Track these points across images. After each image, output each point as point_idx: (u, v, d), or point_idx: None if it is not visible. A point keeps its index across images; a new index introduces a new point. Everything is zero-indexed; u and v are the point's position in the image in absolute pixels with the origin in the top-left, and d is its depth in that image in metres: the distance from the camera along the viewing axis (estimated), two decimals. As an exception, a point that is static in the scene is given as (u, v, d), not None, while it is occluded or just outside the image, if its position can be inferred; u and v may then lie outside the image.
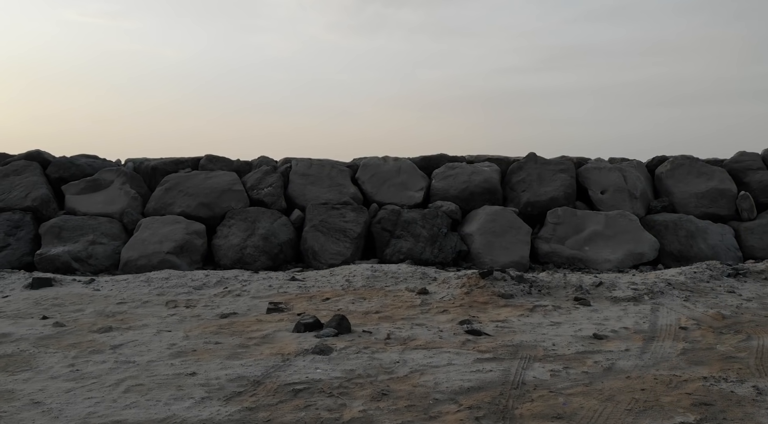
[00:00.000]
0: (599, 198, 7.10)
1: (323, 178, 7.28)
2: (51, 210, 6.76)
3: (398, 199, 7.14)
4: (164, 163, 7.39)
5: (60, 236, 6.38)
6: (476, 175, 7.30)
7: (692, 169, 7.34)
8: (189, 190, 6.93)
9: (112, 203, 6.87)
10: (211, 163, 7.51)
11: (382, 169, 7.42)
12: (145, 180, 7.35)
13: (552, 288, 3.19)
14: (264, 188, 7.04)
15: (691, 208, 7.01)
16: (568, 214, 6.83)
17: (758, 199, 7.06)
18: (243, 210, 6.79)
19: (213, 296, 3.25)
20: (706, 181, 7.20)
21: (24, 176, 6.99)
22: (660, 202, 7.14)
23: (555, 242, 6.66)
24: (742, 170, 7.34)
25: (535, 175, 7.33)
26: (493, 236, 6.61)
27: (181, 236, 6.40)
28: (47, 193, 6.81)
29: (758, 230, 6.75)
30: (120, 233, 6.60)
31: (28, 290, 3.52)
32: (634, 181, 7.19)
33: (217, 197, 6.88)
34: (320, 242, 6.53)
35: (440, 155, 7.80)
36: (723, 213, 7.00)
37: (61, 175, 7.16)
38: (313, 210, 6.82)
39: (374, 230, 6.76)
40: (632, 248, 6.47)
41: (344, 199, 7.03)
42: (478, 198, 7.14)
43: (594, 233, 6.64)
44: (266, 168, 7.29)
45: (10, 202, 6.72)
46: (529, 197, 7.07)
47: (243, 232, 6.55)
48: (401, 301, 3.00)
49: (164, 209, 6.81)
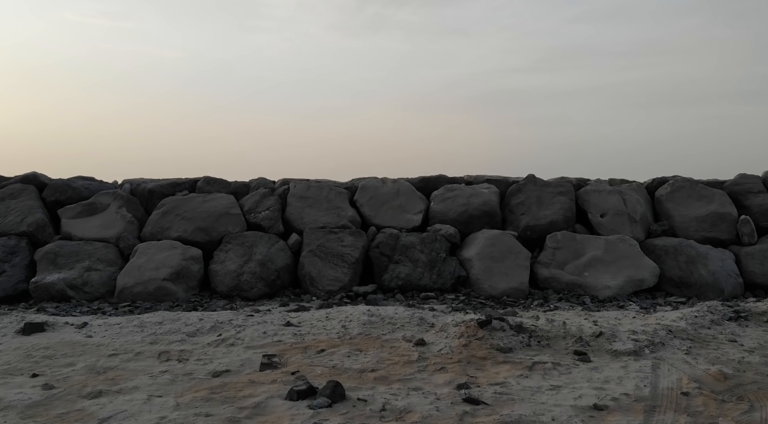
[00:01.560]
0: (599, 221, 7.06)
1: (321, 200, 7.24)
2: (47, 235, 6.72)
3: (397, 223, 7.09)
4: (161, 186, 7.34)
5: (55, 263, 6.33)
6: (475, 198, 7.26)
7: (692, 192, 7.29)
8: (186, 214, 6.88)
9: (108, 228, 6.82)
10: (208, 186, 7.47)
11: (381, 191, 7.38)
12: (142, 203, 7.31)
13: (551, 339, 3.14)
14: (261, 212, 6.99)
15: (692, 232, 6.96)
16: (568, 238, 6.79)
17: (759, 223, 7.02)
18: (240, 235, 6.74)
19: (206, 345, 3.20)
20: (707, 204, 7.16)
21: (20, 200, 6.94)
22: (660, 225, 7.09)
23: (554, 267, 6.62)
24: (742, 193, 7.30)
25: (534, 197, 7.29)
26: (492, 261, 6.56)
27: (178, 262, 6.36)
28: (43, 218, 6.76)
29: (759, 255, 6.70)
30: (116, 258, 6.55)
31: (20, 335, 3.47)
32: (633, 205, 7.15)
33: (215, 221, 6.83)
34: (318, 267, 6.48)
35: (439, 176, 7.76)
36: (723, 237, 6.95)
37: (57, 198, 7.12)
38: (310, 234, 6.77)
39: (372, 254, 6.71)
40: (632, 273, 6.42)
41: (342, 223, 6.99)
42: (477, 221, 7.10)
43: (594, 258, 6.60)
44: (264, 191, 7.25)
45: (5, 227, 6.67)
46: (528, 221, 7.02)
47: (240, 257, 6.50)
48: (398, 355, 2.95)
49: (161, 234, 6.76)
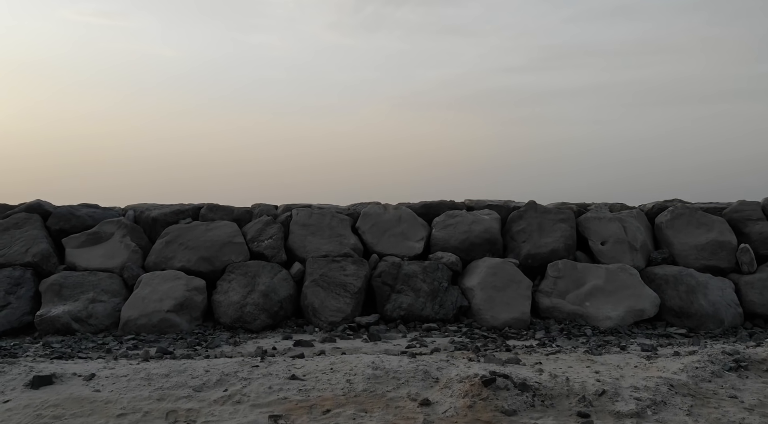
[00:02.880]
0: (599, 249, 7.10)
1: (324, 228, 7.28)
2: (51, 265, 6.76)
3: (398, 250, 7.14)
4: (164, 214, 7.38)
5: (60, 294, 6.37)
6: (476, 225, 7.30)
7: (692, 220, 7.34)
8: (189, 244, 6.93)
9: (112, 257, 6.86)
10: (211, 213, 7.52)
11: (383, 218, 7.42)
12: (146, 231, 7.35)
13: (555, 397, 3.19)
14: (264, 240, 7.04)
15: (692, 261, 7.01)
16: (569, 267, 6.83)
17: (758, 251, 7.06)
18: (243, 264, 6.79)
19: (213, 403, 3.24)
20: (706, 232, 7.20)
21: (24, 230, 6.98)
22: (660, 253, 7.14)
23: (556, 296, 6.66)
24: (741, 220, 7.34)
25: (536, 224, 7.33)
26: (494, 290, 6.61)
27: (181, 293, 6.40)
28: (47, 248, 6.80)
29: (758, 284, 6.75)
30: (120, 289, 6.60)
31: (29, 389, 3.51)
32: (634, 233, 7.19)
33: (218, 251, 6.87)
34: (320, 297, 6.52)
35: (440, 202, 7.80)
36: (723, 265, 7.00)
37: (61, 227, 7.16)
38: (313, 263, 6.81)
39: (374, 283, 6.75)
40: (633, 304, 6.46)
41: (345, 251, 7.03)
42: (479, 249, 7.15)
43: (595, 287, 6.64)
44: (266, 218, 7.29)
45: (10, 257, 6.71)
46: (529, 249, 7.07)
47: (243, 288, 6.54)
48: (403, 417, 3.00)
49: (164, 263, 6.80)
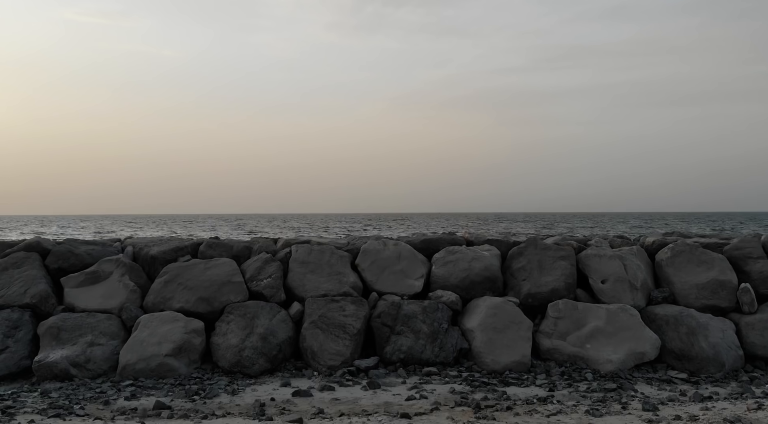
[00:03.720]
0: (600, 288, 7.08)
1: (323, 265, 7.26)
2: (50, 306, 6.73)
3: (398, 289, 7.12)
4: (163, 252, 7.36)
5: (58, 338, 6.35)
6: (476, 262, 7.29)
7: (692, 257, 7.32)
8: (188, 283, 6.91)
9: (111, 297, 6.84)
10: (210, 250, 7.50)
11: (382, 255, 7.40)
12: (144, 268, 7.33)
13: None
14: (263, 279, 7.02)
15: (692, 300, 6.99)
16: (569, 307, 6.81)
17: (758, 290, 7.04)
18: (242, 305, 6.76)
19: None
20: (707, 270, 7.18)
21: (23, 270, 6.96)
22: (661, 292, 7.12)
23: (556, 337, 6.64)
24: (742, 258, 7.32)
25: (536, 262, 7.32)
26: (494, 332, 6.58)
27: (180, 336, 6.37)
28: (46, 289, 6.78)
29: (759, 325, 6.72)
30: (119, 330, 6.57)
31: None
32: (634, 271, 7.17)
33: (216, 291, 6.85)
34: (319, 340, 6.50)
35: (440, 238, 7.80)
36: (723, 305, 6.97)
37: (60, 265, 7.14)
38: (312, 304, 6.79)
39: (374, 324, 6.73)
40: (634, 346, 6.44)
41: (344, 290, 7.01)
42: (479, 287, 7.13)
43: (595, 329, 6.62)
44: (266, 256, 7.27)
45: (9, 298, 6.69)
46: (530, 288, 7.05)
47: (241, 330, 6.52)
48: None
49: (163, 304, 6.78)
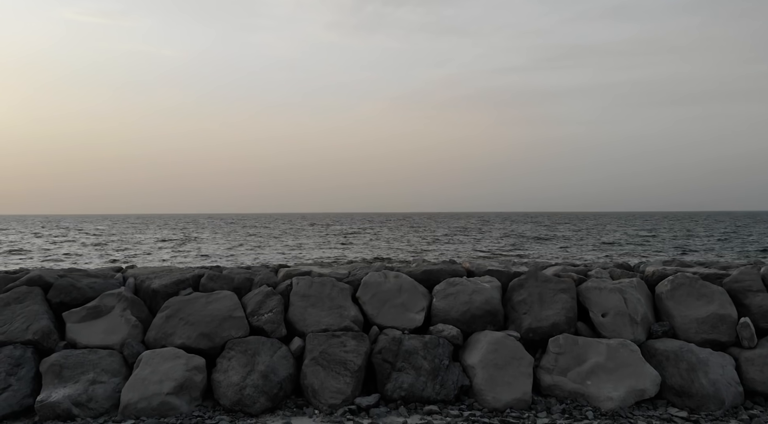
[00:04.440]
0: (600, 322, 7.11)
1: (324, 299, 7.28)
2: (52, 341, 6.76)
3: (399, 323, 7.14)
4: (164, 285, 7.39)
5: (61, 376, 6.37)
6: (477, 295, 7.31)
7: (692, 290, 7.34)
8: (189, 318, 6.93)
9: (112, 333, 6.86)
10: (211, 282, 7.52)
11: (383, 288, 7.42)
12: (146, 302, 7.35)
13: None
14: (264, 314, 7.04)
15: (692, 334, 7.01)
16: (570, 342, 6.84)
17: (758, 324, 7.06)
18: (243, 341, 6.78)
19: None
20: (707, 304, 7.20)
21: (25, 305, 6.98)
22: (661, 326, 7.15)
23: (557, 373, 6.66)
24: (742, 291, 7.34)
25: (536, 294, 7.34)
26: (495, 368, 6.61)
27: (181, 373, 6.40)
28: (48, 325, 6.80)
29: (758, 361, 6.74)
30: (120, 367, 6.59)
31: None
32: (634, 305, 7.19)
33: (217, 326, 6.87)
34: (320, 378, 6.52)
35: (440, 269, 7.81)
36: (723, 339, 7.00)
37: (62, 299, 7.16)
38: (313, 339, 6.81)
39: (375, 360, 6.75)
40: (634, 383, 6.46)
41: (345, 324, 7.03)
42: (480, 320, 7.15)
43: (596, 365, 6.64)
44: (267, 290, 7.29)
45: (11, 334, 6.71)
46: (530, 323, 7.07)
47: (243, 367, 6.54)
48: None
49: (164, 340, 6.81)
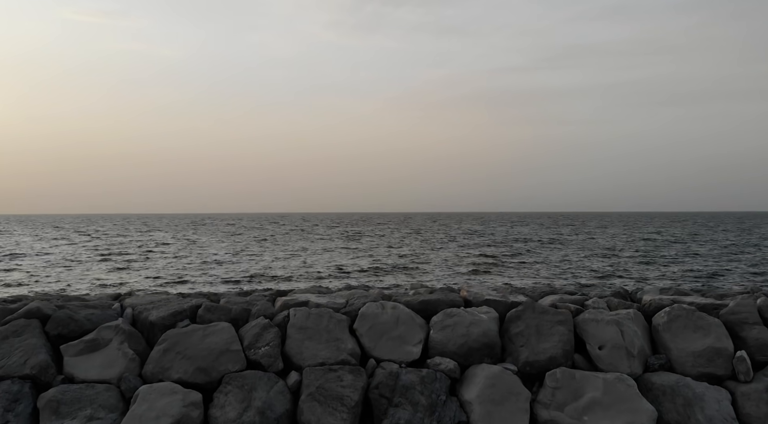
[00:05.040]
0: (597, 354, 7.12)
1: (321, 331, 7.29)
2: (50, 376, 6.76)
3: (396, 356, 7.15)
4: (162, 318, 7.39)
5: (58, 412, 6.38)
6: (474, 327, 7.32)
7: (689, 322, 7.35)
8: (186, 352, 6.94)
9: (110, 366, 6.87)
10: (209, 313, 7.53)
11: (380, 319, 7.43)
12: (144, 333, 7.36)
13: None
14: (261, 348, 7.05)
15: (689, 368, 7.02)
16: (567, 376, 6.85)
17: (754, 357, 7.08)
18: (240, 375, 6.80)
19: None
20: (703, 337, 7.22)
21: (23, 338, 6.99)
22: (657, 359, 7.16)
23: (554, 408, 6.68)
24: (738, 323, 7.36)
25: (534, 327, 7.35)
26: (492, 404, 6.62)
27: (178, 409, 6.41)
28: (46, 359, 6.81)
29: (754, 395, 6.76)
30: (117, 402, 6.60)
31: None
32: (631, 338, 7.21)
33: (214, 360, 6.88)
34: (317, 414, 6.53)
35: (438, 300, 7.82)
36: (720, 373, 7.01)
37: (60, 332, 7.17)
38: (310, 374, 6.83)
39: (372, 395, 6.76)
40: (630, 419, 6.48)
41: (342, 357, 7.04)
42: (477, 353, 7.16)
43: (593, 400, 6.66)
44: (264, 322, 7.30)
45: (9, 369, 6.72)
46: (528, 356, 7.08)
47: (239, 403, 6.56)
48: None
49: (162, 374, 6.82)
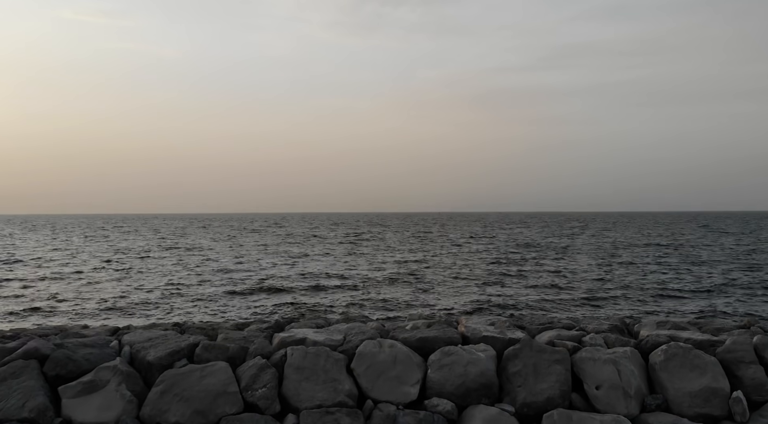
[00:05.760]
0: (594, 394, 7.13)
1: (318, 371, 7.31)
2: (48, 419, 6.78)
3: (394, 397, 7.16)
4: (159, 358, 7.40)
5: (55, 458, 6.40)
6: (472, 367, 7.33)
7: (685, 361, 7.37)
8: (184, 394, 6.96)
9: (108, 409, 6.89)
10: (206, 352, 7.55)
11: (378, 359, 7.45)
12: (141, 373, 7.38)
13: None
14: (258, 390, 7.06)
15: (685, 408, 7.04)
16: (564, 418, 6.86)
17: (750, 397, 7.09)
18: (237, 418, 6.81)
19: None
20: (699, 376, 7.23)
21: (21, 380, 7.01)
22: (654, 399, 7.17)
23: (550, 451, 6.69)
24: (734, 362, 7.37)
25: (531, 365, 7.37)
26: (488, 447, 6.64)
27: (177, 454, 6.43)
28: (44, 402, 6.83)
29: (752, 438, 6.77)
30: (115, 447, 6.62)
31: None
32: (628, 377, 7.22)
33: (211, 402, 6.90)
34: (315, 459, 6.55)
35: (435, 337, 7.84)
36: (716, 414, 7.02)
37: (58, 372, 7.19)
38: (307, 417, 6.84)
39: (369, 438, 6.79)
40: (626, 463, 6.49)
41: (339, 399, 7.05)
42: (474, 394, 7.17)
43: (588, 443, 6.67)
44: (261, 363, 7.32)
45: (8, 412, 6.74)
46: (525, 397, 7.09)
47: (238, 447, 6.57)
48: None
49: (159, 417, 6.83)
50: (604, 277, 27.92)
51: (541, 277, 27.84)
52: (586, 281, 26.21)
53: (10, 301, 21.38)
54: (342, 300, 21.21)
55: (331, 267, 32.94)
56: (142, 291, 23.48)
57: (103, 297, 22.07)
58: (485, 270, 30.78)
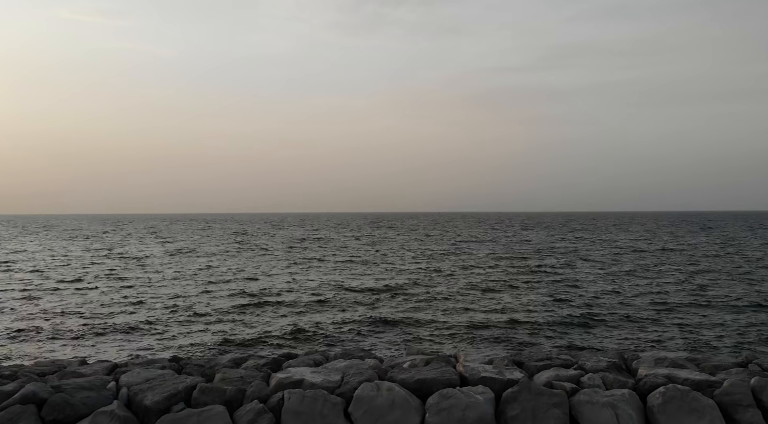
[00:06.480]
0: (592, 439, 7.12)
1: (315, 416, 7.29)
2: (44, 467, 6.79)
3: (391, 441, 7.16)
4: (156, 402, 7.38)
5: None
6: (470, 411, 7.31)
7: (683, 404, 7.35)
8: (182, 441, 6.95)
9: (105, 456, 6.89)
10: (203, 396, 7.54)
11: (375, 403, 7.43)
12: (138, 417, 7.36)
13: None
14: (257, 435, 7.05)
15: (684, 454, 7.03)
16: (561, 465, 6.85)
17: (750, 442, 7.08)
18: (235, 466, 6.81)
19: None
20: (698, 420, 7.21)
21: (18, 427, 7.01)
22: (652, 444, 7.16)
23: (547, 499, 6.68)
24: (732, 405, 7.35)
25: (530, 409, 7.35)
26: (485, 496, 6.62)
27: None
28: (40, 450, 6.83)
29: (750, 485, 6.76)
30: (112, 496, 6.62)
31: None
32: (626, 422, 7.20)
33: (210, 450, 6.90)
34: None
35: (433, 379, 7.83)
36: (715, 459, 7.01)
37: (55, 417, 7.17)
38: (305, 464, 6.84)
39: (367, 485, 6.78)
40: None
41: (337, 444, 7.05)
42: (472, 438, 7.17)
43: (586, 491, 6.66)
44: (258, 407, 7.31)
45: (3, 461, 6.75)
46: (521, 442, 7.08)
47: (235, 496, 6.56)
48: None
49: (157, 464, 6.84)
50: (605, 288, 27.91)
51: (540, 290, 27.83)
52: (588, 295, 26.18)
53: (6, 317, 21.39)
54: (342, 318, 21.19)
55: (330, 276, 32.95)
56: (143, 308, 23.47)
57: (102, 316, 22.06)
58: (486, 284, 30.79)
